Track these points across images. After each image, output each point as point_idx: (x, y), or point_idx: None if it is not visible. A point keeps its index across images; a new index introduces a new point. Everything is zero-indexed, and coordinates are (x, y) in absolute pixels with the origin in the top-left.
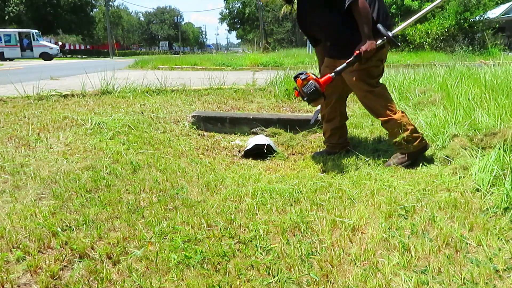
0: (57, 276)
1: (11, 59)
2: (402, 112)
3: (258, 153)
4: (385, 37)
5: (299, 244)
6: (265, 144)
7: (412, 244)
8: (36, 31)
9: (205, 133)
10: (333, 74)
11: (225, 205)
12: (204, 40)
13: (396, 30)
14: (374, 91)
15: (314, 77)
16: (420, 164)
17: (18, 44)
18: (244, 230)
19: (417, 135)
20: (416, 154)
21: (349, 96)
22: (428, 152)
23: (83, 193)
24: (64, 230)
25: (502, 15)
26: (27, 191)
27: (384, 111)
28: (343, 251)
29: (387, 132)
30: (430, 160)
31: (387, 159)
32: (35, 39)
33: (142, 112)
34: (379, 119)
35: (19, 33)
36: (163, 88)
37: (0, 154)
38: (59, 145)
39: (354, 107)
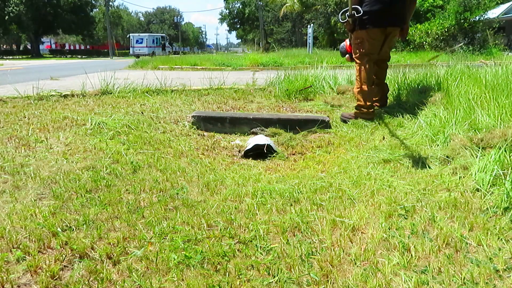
0: (57, 276)
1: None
2: (364, 87)
3: (258, 153)
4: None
5: (299, 244)
6: (265, 144)
7: (412, 244)
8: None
9: (205, 133)
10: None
11: (225, 205)
12: (204, 40)
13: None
14: (356, 62)
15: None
16: (420, 164)
17: (160, 45)
18: (244, 230)
19: (365, 110)
20: (360, 118)
21: (350, 95)
22: (428, 152)
23: (83, 193)
24: (64, 230)
25: (502, 15)
26: (27, 191)
27: (357, 81)
28: (343, 251)
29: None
30: (430, 160)
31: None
32: (167, 41)
33: (142, 112)
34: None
35: (161, 36)
36: (163, 88)
37: (0, 154)
38: (59, 145)
39: (354, 106)
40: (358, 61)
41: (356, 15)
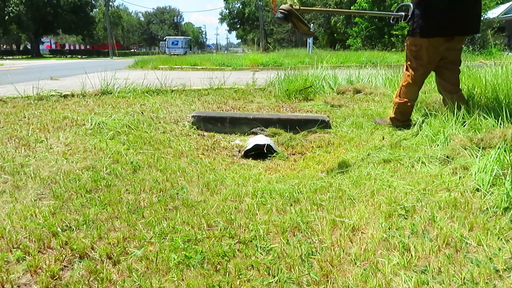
0: (57, 276)
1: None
2: (409, 104)
3: (258, 153)
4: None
5: (299, 244)
6: (265, 144)
7: (412, 244)
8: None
9: (205, 133)
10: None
11: (225, 205)
12: (204, 40)
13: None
14: (407, 70)
15: None
16: (420, 164)
17: (188, 46)
18: (244, 230)
19: (397, 122)
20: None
21: (350, 95)
22: (428, 152)
23: (83, 193)
24: (64, 230)
25: (502, 15)
26: (27, 191)
27: (399, 90)
28: (343, 251)
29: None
30: (430, 160)
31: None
32: (193, 43)
33: (142, 112)
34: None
35: (189, 39)
36: (163, 88)
37: (0, 154)
38: (59, 145)
39: (354, 106)
40: (410, 70)
41: (403, 20)
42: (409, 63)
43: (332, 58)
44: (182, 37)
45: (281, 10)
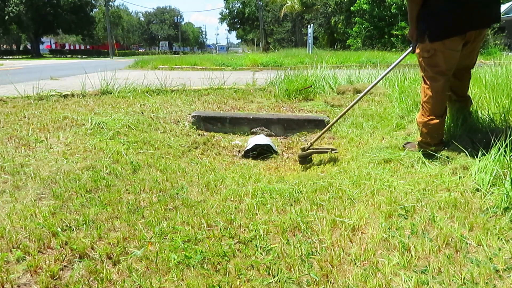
0: (57, 276)
1: None
2: (436, 120)
3: (258, 153)
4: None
5: (299, 244)
6: (265, 144)
7: (412, 244)
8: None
9: (205, 133)
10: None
11: (225, 205)
12: (204, 40)
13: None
14: (425, 83)
15: None
16: (420, 164)
17: (226, 49)
18: (244, 230)
19: (432, 148)
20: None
21: (350, 95)
22: (428, 152)
23: (83, 193)
24: (64, 230)
25: (502, 15)
26: (27, 191)
27: (421, 108)
28: (343, 251)
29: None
30: (430, 160)
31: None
32: (229, 47)
33: (142, 112)
34: None
35: (227, 45)
36: (163, 88)
37: (0, 154)
38: (59, 145)
39: (354, 106)
40: (428, 82)
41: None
42: (424, 73)
43: (332, 58)
44: (226, 44)
45: (300, 160)
